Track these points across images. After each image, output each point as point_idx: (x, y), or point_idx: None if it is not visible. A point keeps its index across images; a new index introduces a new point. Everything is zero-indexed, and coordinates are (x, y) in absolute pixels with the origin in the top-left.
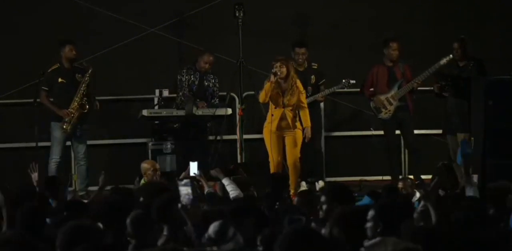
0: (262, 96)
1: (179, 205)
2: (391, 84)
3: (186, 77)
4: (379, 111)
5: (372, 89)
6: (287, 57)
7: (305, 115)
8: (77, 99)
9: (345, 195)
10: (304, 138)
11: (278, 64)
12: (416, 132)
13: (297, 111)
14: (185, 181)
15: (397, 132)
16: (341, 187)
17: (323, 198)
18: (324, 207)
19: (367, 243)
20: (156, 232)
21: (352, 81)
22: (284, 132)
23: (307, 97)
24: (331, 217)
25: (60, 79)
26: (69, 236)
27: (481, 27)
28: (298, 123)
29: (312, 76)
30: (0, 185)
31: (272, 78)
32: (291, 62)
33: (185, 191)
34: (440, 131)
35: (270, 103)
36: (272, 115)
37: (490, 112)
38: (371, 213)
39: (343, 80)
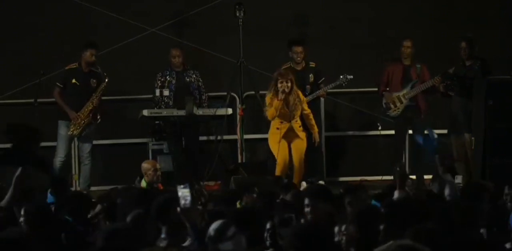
0: (272, 114)
1: (178, 208)
2: (404, 83)
3: (162, 79)
4: (389, 108)
5: (388, 89)
6: (286, 70)
7: (310, 120)
8: (90, 106)
9: (326, 195)
10: (313, 142)
11: (283, 80)
12: None
13: (299, 119)
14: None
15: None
16: (321, 187)
17: (306, 201)
18: (309, 208)
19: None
20: (155, 233)
21: (350, 77)
22: (289, 137)
23: (306, 95)
24: (349, 216)
25: (73, 80)
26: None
27: (481, 27)
28: (302, 128)
29: (310, 75)
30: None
31: (282, 96)
32: (291, 74)
33: (184, 193)
34: (441, 131)
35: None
36: (278, 129)
37: (490, 112)
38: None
39: (341, 76)
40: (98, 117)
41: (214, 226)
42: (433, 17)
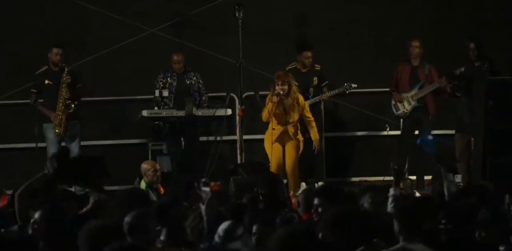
0: (265, 116)
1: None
2: (413, 84)
3: (163, 80)
4: (397, 109)
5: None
6: (286, 73)
7: (313, 128)
8: (61, 100)
9: (339, 196)
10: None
11: (280, 82)
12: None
13: (298, 125)
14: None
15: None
16: (335, 188)
17: (316, 201)
18: (319, 209)
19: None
20: (153, 233)
21: (354, 85)
22: (284, 140)
23: (308, 98)
24: (322, 219)
25: (47, 81)
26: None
27: (481, 28)
28: (300, 135)
29: (315, 78)
30: None
31: (275, 99)
32: (291, 76)
33: (205, 190)
34: (441, 131)
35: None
36: (274, 129)
37: (490, 112)
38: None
39: (345, 84)
40: (72, 106)
41: (223, 226)
42: (433, 18)
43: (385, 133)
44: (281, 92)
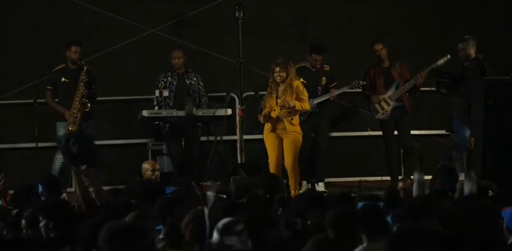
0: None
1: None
2: (388, 85)
3: (164, 80)
4: (376, 111)
5: (372, 91)
6: (286, 59)
7: (304, 103)
8: (77, 99)
9: (318, 203)
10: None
11: (278, 69)
12: (416, 132)
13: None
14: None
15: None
16: (314, 195)
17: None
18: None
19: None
20: (154, 233)
21: (363, 82)
22: (281, 133)
23: (316, 96)
24: (327, 221)
25: (63, 79)
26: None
27: (480, 27)
28: (298, 128)
29: (323, 78)
30: None
31: (263, 119)
32: (291, 65)
33: (210, 194)
34: (439, 131)
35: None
36: (267, 116)
37: (490, 112)
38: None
39: (354, 81)
40: (88, 105)
41: (223, 221)
42: (432, 17)
43: (374, 133)
44: (278, 79)
